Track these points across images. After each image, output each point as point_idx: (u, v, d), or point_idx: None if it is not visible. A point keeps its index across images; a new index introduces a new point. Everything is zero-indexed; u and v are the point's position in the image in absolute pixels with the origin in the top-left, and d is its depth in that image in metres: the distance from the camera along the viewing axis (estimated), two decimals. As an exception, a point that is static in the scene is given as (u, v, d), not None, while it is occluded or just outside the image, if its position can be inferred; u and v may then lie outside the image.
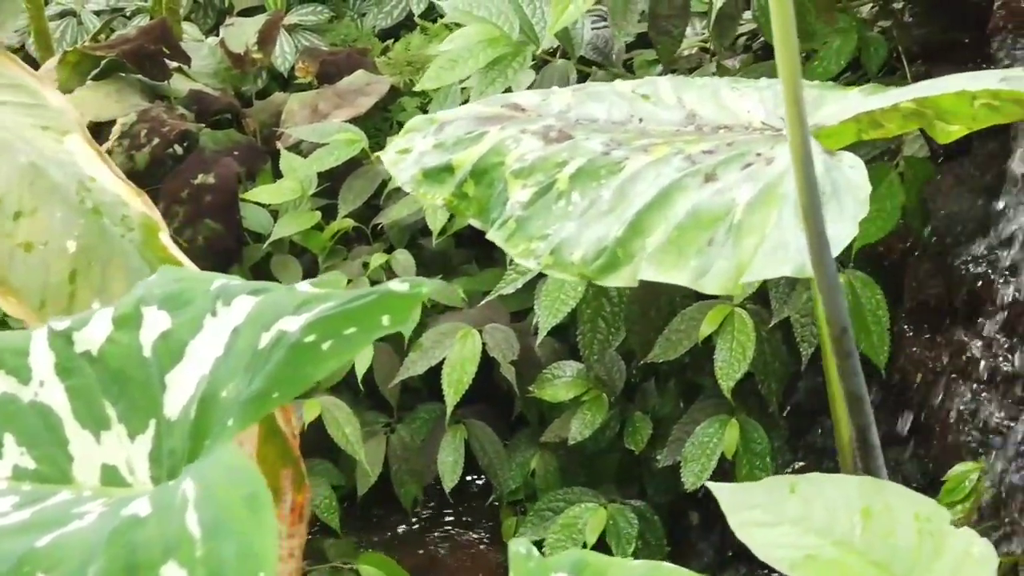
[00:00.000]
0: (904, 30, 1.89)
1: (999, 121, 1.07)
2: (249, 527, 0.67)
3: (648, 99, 1.13)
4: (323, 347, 0.72)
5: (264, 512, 0.67)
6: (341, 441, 2.13)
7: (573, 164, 1.04)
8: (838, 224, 0.89)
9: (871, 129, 1.13)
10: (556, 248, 1.01)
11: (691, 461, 1.97)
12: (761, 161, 0.97)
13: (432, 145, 1.15)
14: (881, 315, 1.89)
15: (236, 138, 2.62)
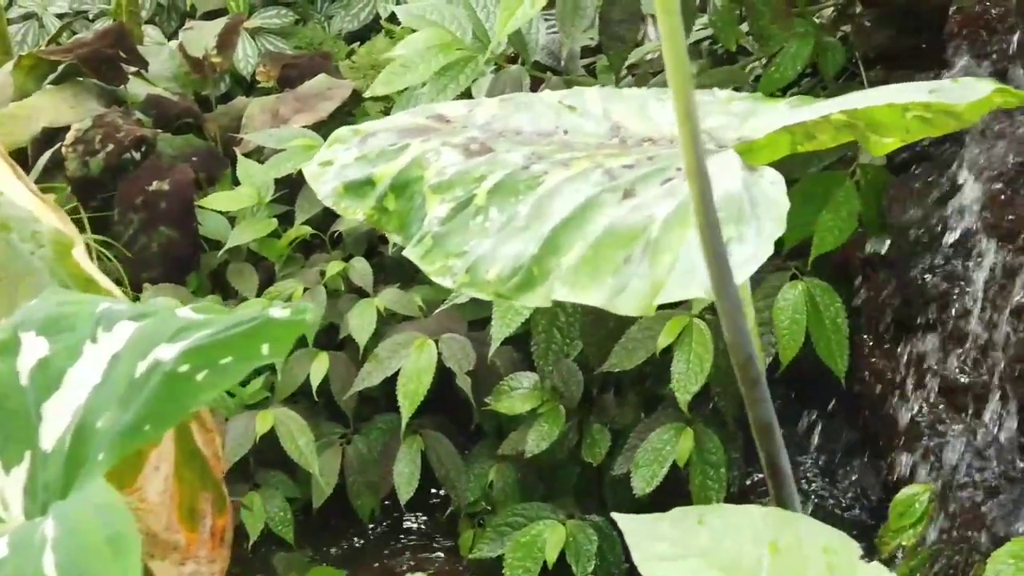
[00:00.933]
0: (862, 35, 1.86)
1: (933, 133, 1.03)
2: (111, 570, 0.63)
3: (574, 111, 1.10)
4: (197, 377, 0.69)
5: (128, 555, 0.64)
6: (294, 453, 2.09)
7: (492, 178, 1.01)
8: (753, 243, 0.86)
9: (805, 141, 1.09)
10: (472, 266, 0.98)
11: (642, 467, 1.94)
12: (681, 176, 0.94)
13: (354, 158, 1.12)
14: (840, 324, 1.86)
15: (195, 143, 2.58)
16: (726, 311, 0.76)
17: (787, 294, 1.86)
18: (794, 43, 1.84)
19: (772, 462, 0.81)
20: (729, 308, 0.76)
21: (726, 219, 0.88)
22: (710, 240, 0.74)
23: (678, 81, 0.67)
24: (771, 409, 0.79)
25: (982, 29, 1.63)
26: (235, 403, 2.23)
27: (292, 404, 2.22)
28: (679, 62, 0.67)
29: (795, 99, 1.06)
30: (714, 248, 0.73)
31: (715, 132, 1.02)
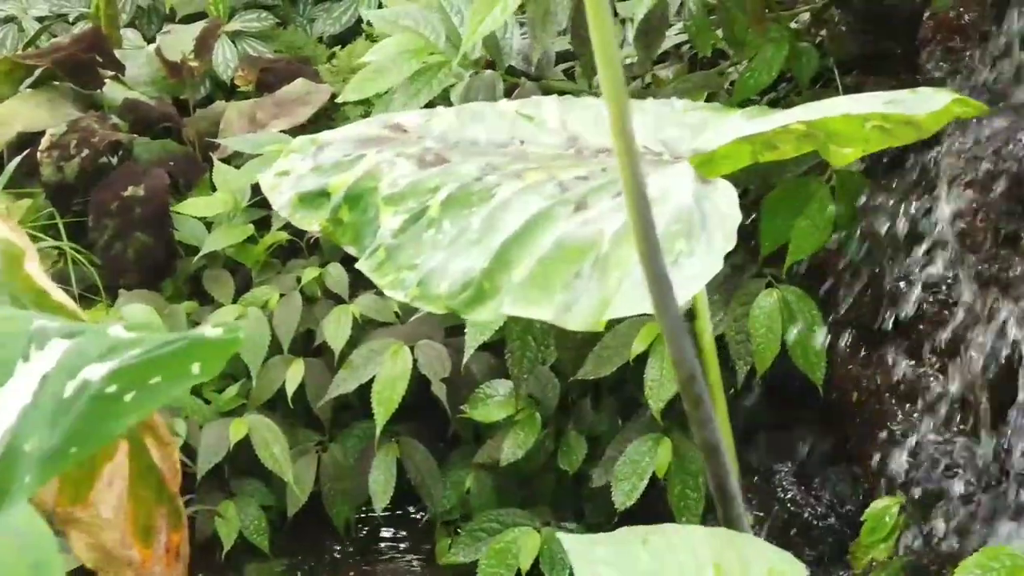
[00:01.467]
0: (837, 41, 1.84)
1: (893, 143, 1.02)
2: (31, 599, 0.62)
3: (531, 120, 1.08)
4: (125, 399, 0.67)
5: (49, 582, 0.63)
6: (268, 461, 2.08)
7: (445, 190, 0.99)
8: (703, 258, 0.84)
9: (766, 151, 1.08)
10: (424, 279, 0.96)
11: (622, 480, 1.92)
12: (634, 189, 0.92)
13: (310, 168, 1.10)
14: (816, 330, 1.85)
15: (172, 148, 2.57)
16: (668, 329, 0.75)
17: (763, 302, 1.85)
18: (769, 48, 1.83)
19: (719, 483, 0.80)
20: (670, 326, 0.75)
21: (676, 233, 0.87)
22: (648, 257, 0.72)
23: (612, 96, 0.66)
24: (717, 429, 0.78)
25: (955, 35, 1.61)
26: (210, 410, 2.21)
27: (268, 411, 2.21)
28: (613, 76, 0.65)
29: (751, 109, 1.05)
30: (653, 265, 0.72)
31: (670, 143, 1.00)
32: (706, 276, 0.83)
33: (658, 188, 0.92)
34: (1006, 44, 1.53)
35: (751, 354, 1.86)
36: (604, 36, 0.63)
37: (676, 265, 0.85)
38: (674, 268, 0.85)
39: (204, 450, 2.08)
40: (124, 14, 3.11)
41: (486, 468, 2.12)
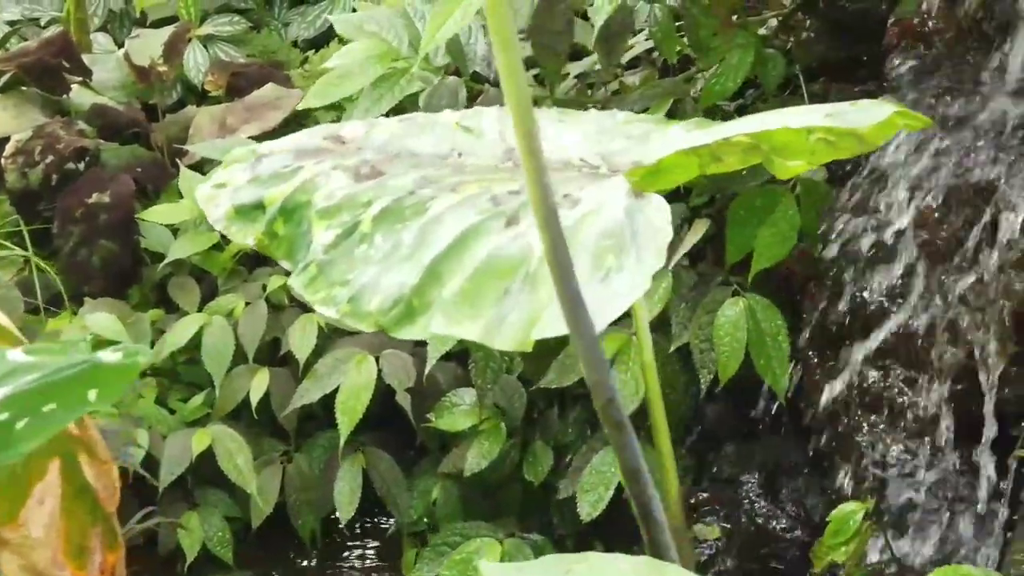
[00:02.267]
0: (803, 47, 1.82)
1: (838, 156, 1.00)
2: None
3: (471, 132, 1.06)
4: (17, 426, 0.65)
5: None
6: (232, 472, 2.05)
7: (379, 204, 0.97)
8: (632, 275, 0.82)
9: (713, 163, 1.06)
10: (355, 296, 0.94)
11: (588, 491, 1.90)
12: (567, 203, 0.90)
13: (247, 180, 1.08)
14: (781, 340, 1.83)
15: (140, 154, 2.54)
16: (582, 351, 0.73)
17: (728, 310, 1.82)
18: (735, 55, 1.81)
19: (644, 509, 0.77)
20: (585, 348, 0.72)
21: (607, 249, 0.85)
22: (560, 277, 0.70)
23: (518, 117, 0.63)
24: (638, 454, 0.76)
25: (920, 42, 1.59)
26: (175, 420, 2.18)
27: (233, 421, 2.18)
28: (517, 85, 0.63)
29: (693, 122, 1.02)
30: (565, 285, 0.69)
31: (609, 156, 0.98)
32: (635, 293, 0.81)
33: (592, 202, 0.89)
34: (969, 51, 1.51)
35: (714, 363, 1.84)
36: (510, 57, 0.60)
37: (606, 281, 0.82)
38: (604, 284, 0.83)
39: (167, 461, 2.06)
40: (96, 18, 3.08)
41: (452, 478, 2.10)
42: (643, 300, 1.02)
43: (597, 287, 0.82)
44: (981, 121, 1.47)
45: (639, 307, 1.00)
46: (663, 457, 1.00)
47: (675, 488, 1.00)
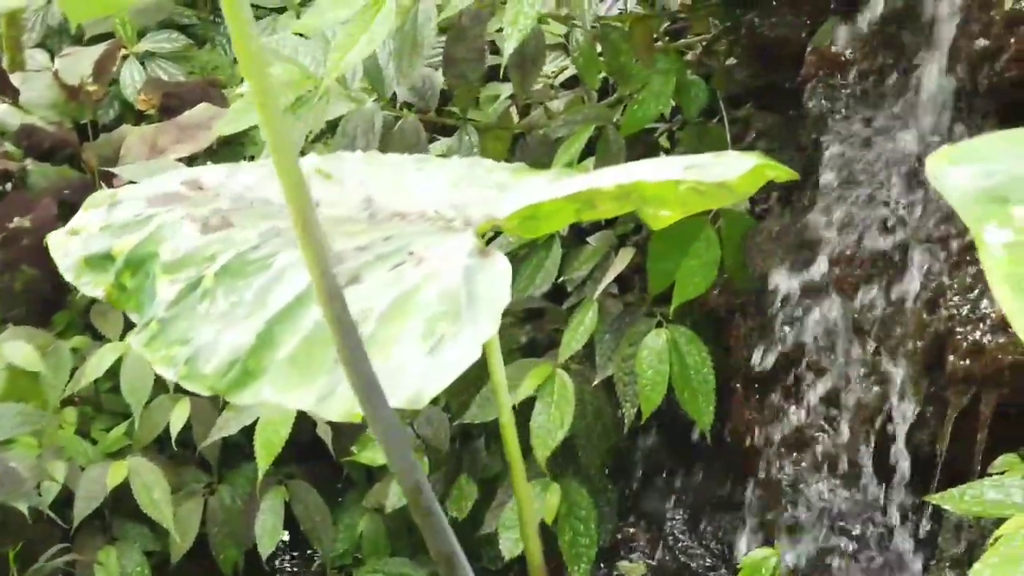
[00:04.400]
0: (725, 74, 1.78)
1: (710, 206, 0.96)
2: None
3: (330, 178, 1.01)
4: None
5: None
6: (148, 506, 1.99)
7: (223, 258, 0.92)
8: (463, 345, 0.77)
9: (588, 210, 1.01)
10: (192, 356, 0.89)
11: (508, 528, 1.85)
12: (412, 261, 0.86)
13: (100, 227, 1.03)
14: (706, 373, 1.78)
15: (69, 175, 2.48)
16: (381, 435, 0.68)
17: (651, 342, 1.78)
18: (657, 81, 1.76)
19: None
20: (385, 432, 0.68)
21: (441, 315, 0.80)
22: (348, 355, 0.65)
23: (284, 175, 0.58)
24: (451, 538, 0.71)
25: (837, 71, 1.55)
26: (95, 451, 2.13)
27: (156, 452, 2.12)
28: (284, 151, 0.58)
29: (556, 171, 0.98)
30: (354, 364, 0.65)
31: (464, 207, 0.93)
32: (466, 362, 0.76)
33: (435, 262, 0.85)
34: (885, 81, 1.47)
35: (637, 395, 1.80)
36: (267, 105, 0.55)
37: (436, 350, 0.78)
38: (433, 354, 0.78)
39: (82, 496, 2.00)
40: (33, 33, 3.02)
41: (379, 512, 2.05)
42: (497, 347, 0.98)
43: (426, 357, 0.77)
44: (894, 153, 1.43)
45: (497, 364, 0.96)
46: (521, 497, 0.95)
47: (533, 529, 0.96)
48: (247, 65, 0.54)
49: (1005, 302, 0.47)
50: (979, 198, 0.49)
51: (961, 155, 0.50)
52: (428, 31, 1.62)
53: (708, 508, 1.86)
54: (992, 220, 0.49)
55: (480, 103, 2.32)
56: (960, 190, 0.49)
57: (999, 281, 0.47)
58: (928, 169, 0.50)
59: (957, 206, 0.49)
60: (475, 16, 1.69)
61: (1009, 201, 0.49)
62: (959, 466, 1.40)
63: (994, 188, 0.49)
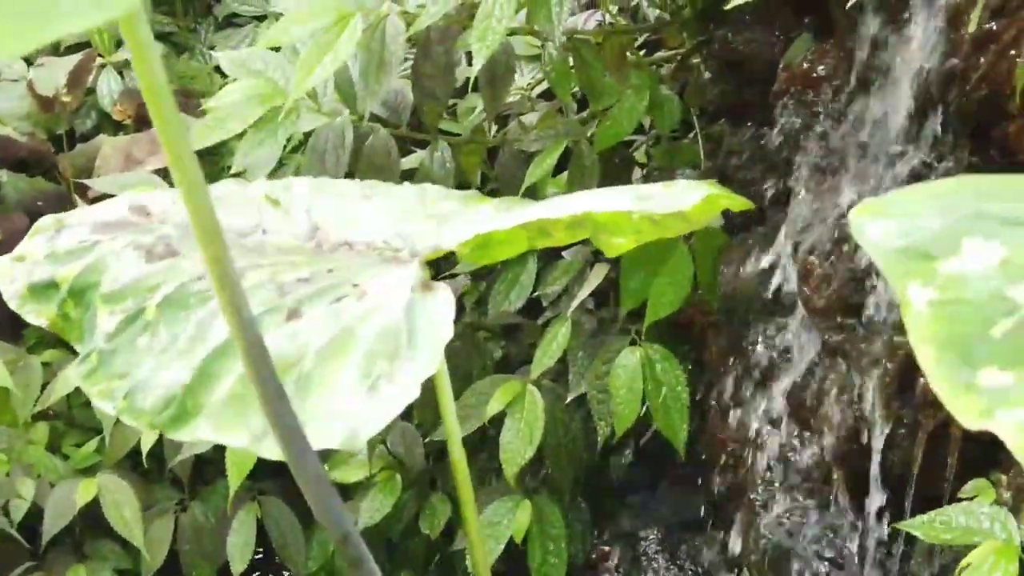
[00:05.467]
0: (698, 89, 1.76)
1: (665, 234, 0.94)
2: None
3: (278, 205, 0.99)
4: None
5: None
6: (118, 524, 1.97)
7: (165, 288, 0.90)
8: (402, 383, 0.75)
9: (541, 238, 0.99)
10: (132, 391, 0.87)
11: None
12: (355, 294, 0.83)
13: (45, 255, 1.00)
14: (680, 391, 1.76)
15: (43, 187, 2.46)
16: (306, 484, 0.66)
17: (624, 360, 1.76)
18: (630, 97, 1.74)
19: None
20: (311, 480, 0.65)
21: (380, 353, 0.78)
22: (269, 404, 0.63)
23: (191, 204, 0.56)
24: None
25: (809, 88, 1.53)
26: (66, 468, 2.11)
27: (128, 468, 2.10)
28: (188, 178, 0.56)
29: (507, 200, 0.96)
30: (278, 413, 0.62)
31: (411, 237, 0.91)
32: (403, 403, 0.74)
33: (378, 295, 0.83)
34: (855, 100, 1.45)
35: (612, 414, 1.78)
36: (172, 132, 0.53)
37: (374, 389, 0.76)
38: (371, 393, 0.76)
39: (51, 513, 1.98)
40: (11, 43, 2.99)
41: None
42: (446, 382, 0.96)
43: (363, 397, 0.75)
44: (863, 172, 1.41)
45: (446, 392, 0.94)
46: (473, 541, 0.93)
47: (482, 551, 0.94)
48: (150, 101, 0.52)
49: (928, 364, 0.45)
50: (903, 254, 0.47)
51: (885, 209, 0.48)
52: (396, 47, 1.60)
53: (682, 527, 1.84)
54: (916, 278, 0.47)
55: (458, 115, 2.30)
56: (883, 246, 0.47)
57: (922, 341, 0.45)
58: (851, 222, 0.48)
59: (880, 262, 0.47)
60: (443, 32, 1.67)
61: (934, 257, 0.47)
62: (931, 489, 1.38)
63: (918, 244, 0.47)
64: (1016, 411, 0.43)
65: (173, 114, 0.52)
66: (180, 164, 0.53)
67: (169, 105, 0.52)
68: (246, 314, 0.58)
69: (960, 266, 0.46)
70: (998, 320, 0.45)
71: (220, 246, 0.55)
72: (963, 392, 0.44)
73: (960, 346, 0.45)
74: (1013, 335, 0.45)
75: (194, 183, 0.54)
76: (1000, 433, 0.43)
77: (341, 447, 0.73)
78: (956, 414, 0.44)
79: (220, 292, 0.57)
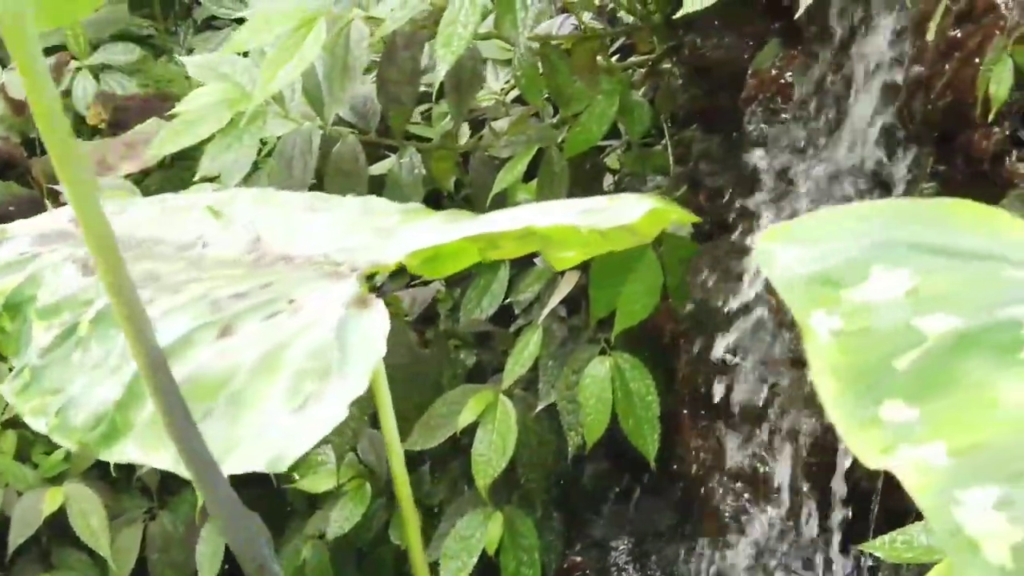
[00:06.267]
0: (668, 95, 1.74)
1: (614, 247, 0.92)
2: None
3: (220, 217, 0.97)
4: None
5: None
6: (85, 533, 1.95)
7: (98, 304, 0.88)
8: (330, 403, 0.73)
9: (491, 250, 0.97)
10: (64, 407, 0.85)
11: (450, 558, 1.81)
12: (289, 310, 0.82)
13: (-16, 267, 0.99)
14: (651, 401, 1.74)
15: (15, 191, 2.44)
16: (216, 511, 0.64)
17: (594, 369, 1.74)
18: (600, 102, 1.72)
19: None
20: (223, 506, 0.63)
21: (310, 372, 0.76)
22: (175, 430, 0.61)
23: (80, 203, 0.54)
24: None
25: (778, 94, 1.51)
26: (35, 476, 2.08)
27: (97, 477, 2.08)
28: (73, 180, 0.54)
29: (450, 213, 0.94)
30: (180, 433, 0.60)
31: (353, 251, 0.89)
32: (330, 424, 0.72)
33: (312, 311, 0.80)
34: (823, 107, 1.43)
35: (582, 424, 1.76)
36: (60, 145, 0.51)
37: (302, 410, 0.73)
38: (298, 414, 0.74)
39: (17, 523, 1.96)
40: (-14, 45, 2.97)
41: (322, 539, 2.01)
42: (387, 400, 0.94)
43: (290, 417, 0.73)
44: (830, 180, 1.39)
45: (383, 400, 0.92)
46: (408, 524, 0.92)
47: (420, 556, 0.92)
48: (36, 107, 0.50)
49: (829, 398, 0.43)
50: (809, 281, 0.45)
51: (793, 234, 0.46)
52: (360, 52, 1.58)
53: (655, 537, 1.82)
54: (821, 306, 0.45)
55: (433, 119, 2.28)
56: (788, 273, 0.45)
57: (824, 373, 0.43)
58: (757, 248, 0.46)
59: (782, 290, 0.45)
60: (409, 38, 1.65)
61: (840, 285, 0.45)
62: (897, 503, 1.36)
63: (825, 271, 0.45)
64: (920, 448, 0.41)
65: (62, 125, 0.50)
66: (71, 180, 0.51)
67: (59, 119, 0.50)
68: (148, 337, 0.56)
69: (867, 294, 0.44)
70: (904, 351, 0.43)
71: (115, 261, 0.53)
72: (864, 427, 0.42)
73: (864, 378, 0.43)
74: (919, 367, 0.43)
75: (88, 205, 0.52)
76: (899, 473, 0.41)
77: (266, 469, 0.71)
78: (856, 452, 0.42)
79: (120, 314, 0.55)
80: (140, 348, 0.57)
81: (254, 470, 0.73)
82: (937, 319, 0.42)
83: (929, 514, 0.40)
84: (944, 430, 0.40)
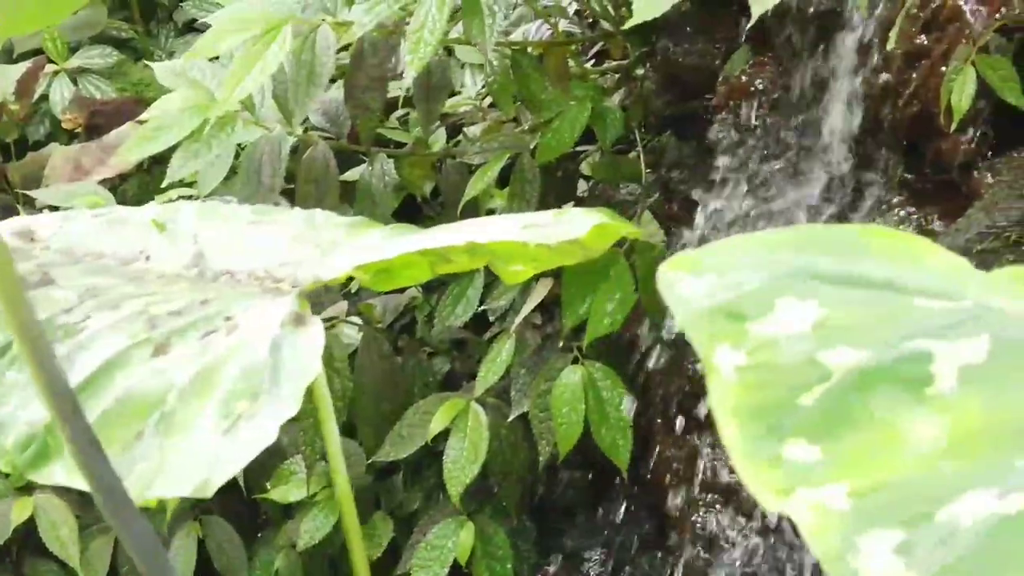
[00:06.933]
0: (640, 101, 1.72)
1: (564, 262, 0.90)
2: None
3: (164, 230, 0.95)
4: None
5: None
6: (54, 545, 1.93)
7: (35, 320, 0.86)
8: (261, 424, 0.71)
9: (442, 264, 0.95)
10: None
11: (421, 568, 1.79)
12: (225, 328, 0.80)
13: (-75, 281, 0.96)
14: (623, 409, 1.72)
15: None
16: (127, 542, 0.62)
17: (566, 378, 1.72)
18: (572, 108, 1.70)
19: None
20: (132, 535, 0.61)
21: (241, 392, 0.74)
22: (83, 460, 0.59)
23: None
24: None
25: (747, 101, 1.49)
26: (5, 486, 2.06)
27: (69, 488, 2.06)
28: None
29: (391, 228, 0.92)
30: (90, 466, 0.59)
31: (294, 267, 0.87)
32: (261, 446, 0.70)
33: (247, 330, 0.79)
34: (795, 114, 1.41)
35: (553, 432, 1.74)
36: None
37: (232, 432, 0.72)
38: (228, 436, 0.72)
39: (-15, 532, 1.94)
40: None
41: (295, 549, 1.99)
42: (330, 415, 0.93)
43: (219, 439, 0.71)
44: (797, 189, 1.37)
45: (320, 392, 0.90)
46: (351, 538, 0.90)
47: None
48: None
49: (730, 438, 0.41)
50: (714, 314, 0.43)
51: (698, 263, 0.44)
52: (327, 58, 1.56)
53: (629, 547, 1.80)
54: (725, 340, 0.43)
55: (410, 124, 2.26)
56: (691, 305, 0.43)
57: (726, 412, 0.41)
58: (659, 278, 0.44)
59: (684, 324, 0.43)
60: (377, 44, 1.63)
61: (746, 318, 0.43)
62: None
63: (731, 303, 0.43)
64: (820, 490, 0.39)
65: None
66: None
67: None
68: (49, 358, 0.54)
69: (773, 328, 0.42)
70: (809, 387, 0.41)
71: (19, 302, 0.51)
72: (765, 468, 0.40)
73: (766, 416, 0.41)
74: (824, 404, 0.41)
75: None
76: (795, 516, 0.39)
77: (193, 494, 0.70)
78: (756, 495, 0.40)
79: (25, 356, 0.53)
80: (45, 385, 0.55)
81: (181, 495, 0.71)
82: (842, 353, 0.40)
83: (824, 561, 0.37)
84: (847, 470, 0.39)
